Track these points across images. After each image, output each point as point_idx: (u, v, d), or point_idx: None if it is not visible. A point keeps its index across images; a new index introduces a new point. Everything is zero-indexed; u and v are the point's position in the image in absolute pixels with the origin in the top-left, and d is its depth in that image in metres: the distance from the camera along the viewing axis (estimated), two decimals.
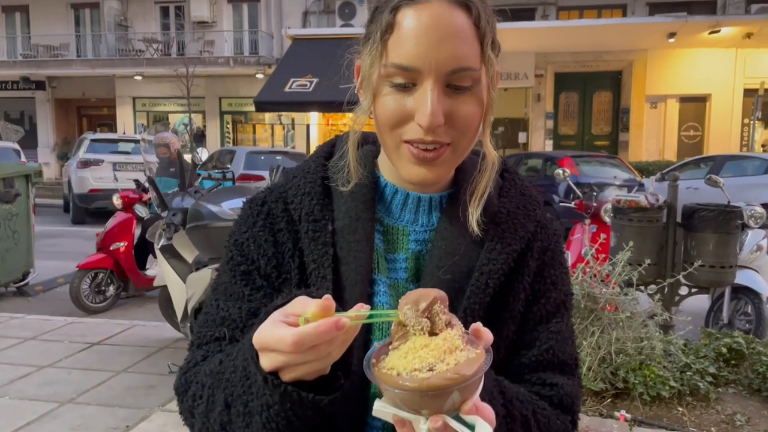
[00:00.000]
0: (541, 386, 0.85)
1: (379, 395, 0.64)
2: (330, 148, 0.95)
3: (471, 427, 0.60)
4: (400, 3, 0.78)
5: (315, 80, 14.78)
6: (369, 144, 0.93)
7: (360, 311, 0.63)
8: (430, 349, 0.61)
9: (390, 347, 0.64)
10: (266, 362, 0.63)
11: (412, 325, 0.64)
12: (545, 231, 0.91)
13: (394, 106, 0.78)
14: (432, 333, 0.64)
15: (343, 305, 0.75)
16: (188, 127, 19.21)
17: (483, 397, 0.66)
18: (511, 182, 0.93)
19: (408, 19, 0.77)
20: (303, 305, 0.63)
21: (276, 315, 0.64)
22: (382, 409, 0.63)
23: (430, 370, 0.59)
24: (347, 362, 0.68)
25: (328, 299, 0.61)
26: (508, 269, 0.85)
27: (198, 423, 0.79)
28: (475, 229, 0.84)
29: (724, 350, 3.85)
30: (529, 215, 0.90)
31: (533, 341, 0.87)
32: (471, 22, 0.78)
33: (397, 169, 0.83)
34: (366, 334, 0.82)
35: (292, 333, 0.60)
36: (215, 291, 0.90)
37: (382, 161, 0.90)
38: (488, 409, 0.64)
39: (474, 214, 0.84)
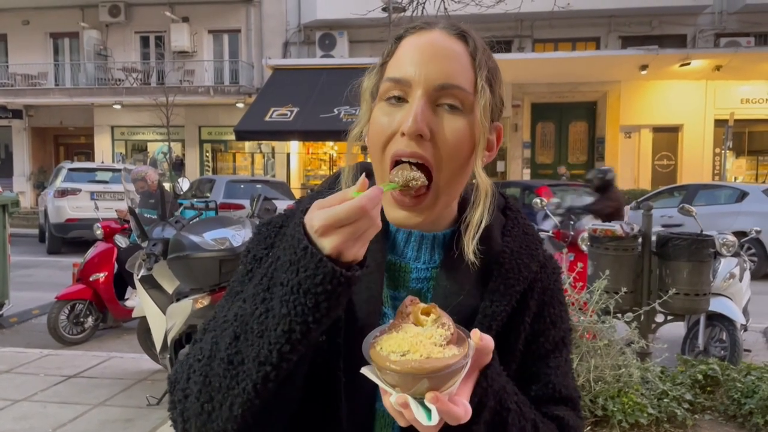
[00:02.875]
0: (544, 417, 0.86)
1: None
2: (336, 178, 0.97)
3: (429, 413, 0.66)
4: (404, 33, 0.85)
5: (295, 109, 14.89)
6: (371, 177, 0.93)
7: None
8: (410, 339, 0.68)
9: (387, 331, 0.72)
10: (330, 242, 0.66)
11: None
12: (545, 270, 0.92)
13: (385, 119, 0.81)
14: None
15: (356, 335, 0.80)
16: (167, 156, 19.13)
17: (482, 398, 0.72)
18: (515, 221, 0.93)
19: (408, 44, 0.83)
20: (341, 194, 0.68)
21: (319, 204, 0.68)
22: (369, 373, 0.71)
23: (403, 356, 0.67)
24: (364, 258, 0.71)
25: (363, 179, 0.68)
26: (511, 310, 0.85)
27: (192, 397, 0.76)
28: (472, 258, 0.84)
29: (700, 377, 3.91)
30: (532, 255, 0.90)
31: (533, 377, 0.88)
32: (467, 51, 0.83)
33: (385, 209, 0.85)
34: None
35: (358, 199, 0.65)
36: (227, 297, 0.90)
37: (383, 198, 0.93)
38: (462, 407, 0.68)
39: (469, 246, 0.84)
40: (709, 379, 3.92)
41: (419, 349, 0.67)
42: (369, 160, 0.93)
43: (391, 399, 0.68)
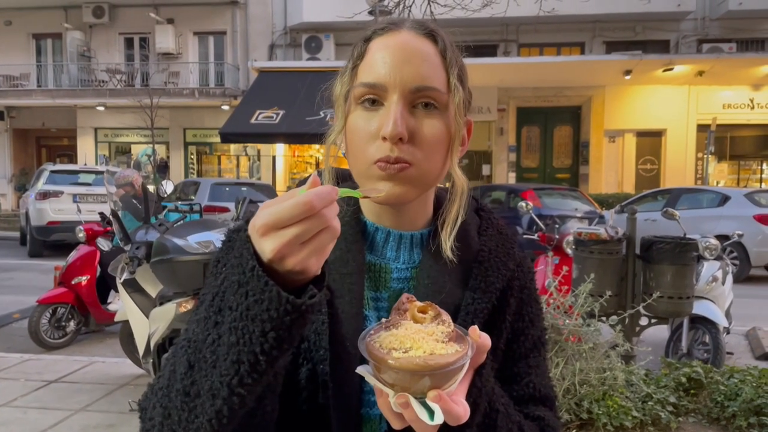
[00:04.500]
0: (526, 418, 0.87)
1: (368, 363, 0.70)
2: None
3: (431, 412, 0.64)
4: (372, 34, 0.84)
5: (281, 112, 14.84)
6: (348, 181, 0.93)
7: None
8: (412, 336, 0.66)
9: (384, 327, 0.70)
10: (270, 244, 0.59)
11: None
12: (522, 269, 0.93)
13: (363, 124, 0.81)
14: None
15: (341, 339, 0.79)
16: (151, 158, 19.00)
17: (476, 399, 0.70)
18: (488, 221, 0.95)
19: (378, 46, 0.82)
20: (289, 193, 0.61)
21: (266, 204, 0.61)
22: (364, 372, 0.69)
23: (405, 352, 0.64)
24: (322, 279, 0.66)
25: (314, 176, 0.62)
26: (492, 308, 0.86)
27: (155, 429, 0.71)
28: (450, 255, 0.85)
29: (684, 380, 3.93)
30: (508, 253, 0.91)
31: (514, 376, 0.89)
32: (437, 51, 0.83)
33: (355, 200, 0.84)
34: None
35: (304, 194, 0.58)
36: (196, 311, 0.82)
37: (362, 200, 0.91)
38: (462, 406, 0.66)
39: (447, 243, 0.86)
40: (693, 381, 3.95)
41: (422, 346, 0.65)
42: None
43: (391, 399, 0.65)
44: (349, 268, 0.84)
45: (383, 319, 0.72)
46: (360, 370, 0.70)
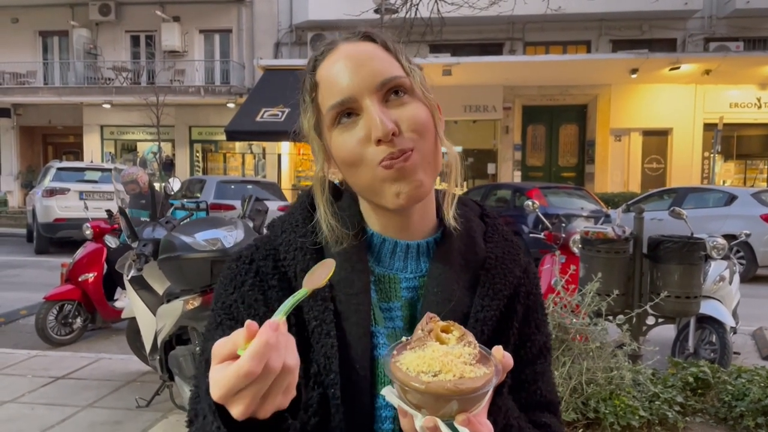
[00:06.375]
0: (534, 426, 0.87)
1: (391, 383, 0.69)
2: (312, 198, 0.93)
3: None
4: (315, 63, 0.86)
5: (287, 110, 14.84)
6: (347, 194, 0.92)
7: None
8: (440, 358, 0.65)
9: (408, 347, 0.69)
10: (235, 410, 0.60)
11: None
12: (528, 275, 0.93)
13: (349, 139, 0.81)
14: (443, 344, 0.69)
15: (350, 361, 0.81)
16: (157, 156, 19.04)
17: (496, 417, 0.70)
18: (494, 227, 0.95)
19: (326, 69, 0.83)
20: (230, 345, 0.60)
21: (213, 354, 0.61)
22: (389, 395, 0.69)
23: (434, 376, 0.63)
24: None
25: (249, 323, 0.59)
26: (500, 315, 0.86)
27: None
28: (452, 222, 0.88)
29: (691, 379, 3.92)
30: (515, 260, 0.91)
31: (522, 383, 0.89)
32: (379, 46, 0.84)
33: (382, 203, 0.82)
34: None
35: (242, 362, 0.57)
36: (205, 364, 0.83)
37: (364, 211, 0.90)
38: (486, 427, 0.67)
39: (449, 211, 0.88)
40: (700, 381, 3.94)
41: (452, 369, 0.64)
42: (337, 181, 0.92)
43: (418, 422, 0.65)
44: (355, 288, 0.84)
45: (404, 338, 0.71)
46: (385, 392, 0.70)
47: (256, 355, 0.57)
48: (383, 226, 0.88)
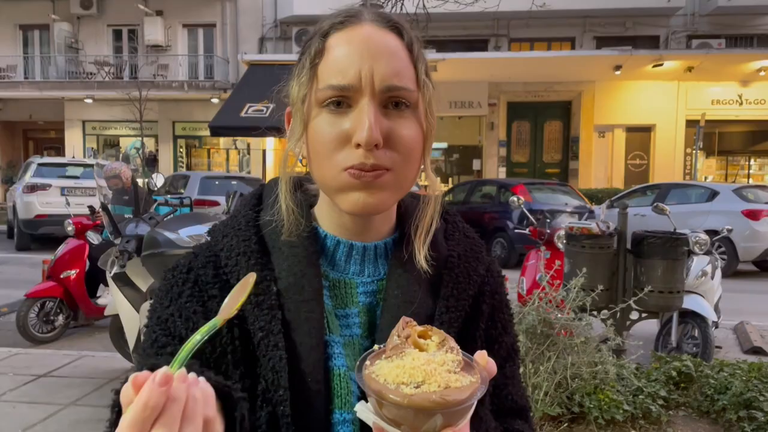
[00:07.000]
0: None
1: (364, 398, 0.63)
2: (258, 199, 0.87)
3: None
4: (330, 29, 0.76)
5: (271, 105, 14.74)
6: (301, 191, 0.85)
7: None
8: (422, 367, 0.58)
9: (384, 356, 0.62)
10: None
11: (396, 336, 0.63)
12: (492, 273, 0.88)
13: (330, 129, 0.73)
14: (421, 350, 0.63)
15: (300, 375, 0.73)
16: (140, 152, 18.86)
17: (477, 428, 0.66)
18: (454, 225, 0.90)
19: (339, 42, 0.75)
20: (126, 393, 0.51)
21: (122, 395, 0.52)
22: (364, 412, 0.62)
23: (417, 387, 0.57)
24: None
25: (134, 377, 0.50)
26: (465, 316, 0.81)
27: None
28: (424, 266, 0.79)
29: (674, 374, 3.96)
30: (478, 258, 0.86)
31: (492, 388, 0.83)
32: (403, 45, 0.76)
33: (337, 203, 0.76)
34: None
35: (119, 427, 0.49)
36: (139, 359, 0.77)
37: (319, 210, 0.84)
38: None
39: (421, 251, 0.80)
40: (683, 375, 3.98)
41: (436, 379, 0.57)
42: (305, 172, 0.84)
43: None
44: (305, 295, 0.76)
45: (377, 346, 0.65)
46: (359, 408, 0.63)
47: (133, 425, 0.48)
48: (339, 225, 0.82)
